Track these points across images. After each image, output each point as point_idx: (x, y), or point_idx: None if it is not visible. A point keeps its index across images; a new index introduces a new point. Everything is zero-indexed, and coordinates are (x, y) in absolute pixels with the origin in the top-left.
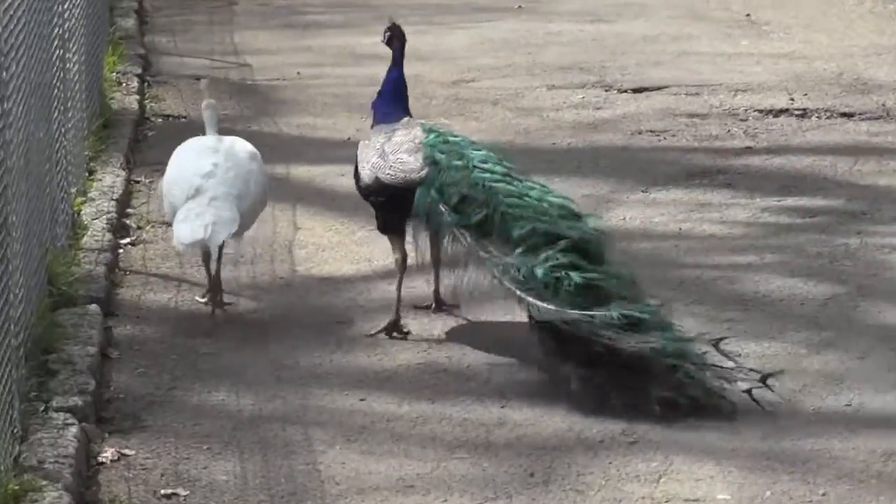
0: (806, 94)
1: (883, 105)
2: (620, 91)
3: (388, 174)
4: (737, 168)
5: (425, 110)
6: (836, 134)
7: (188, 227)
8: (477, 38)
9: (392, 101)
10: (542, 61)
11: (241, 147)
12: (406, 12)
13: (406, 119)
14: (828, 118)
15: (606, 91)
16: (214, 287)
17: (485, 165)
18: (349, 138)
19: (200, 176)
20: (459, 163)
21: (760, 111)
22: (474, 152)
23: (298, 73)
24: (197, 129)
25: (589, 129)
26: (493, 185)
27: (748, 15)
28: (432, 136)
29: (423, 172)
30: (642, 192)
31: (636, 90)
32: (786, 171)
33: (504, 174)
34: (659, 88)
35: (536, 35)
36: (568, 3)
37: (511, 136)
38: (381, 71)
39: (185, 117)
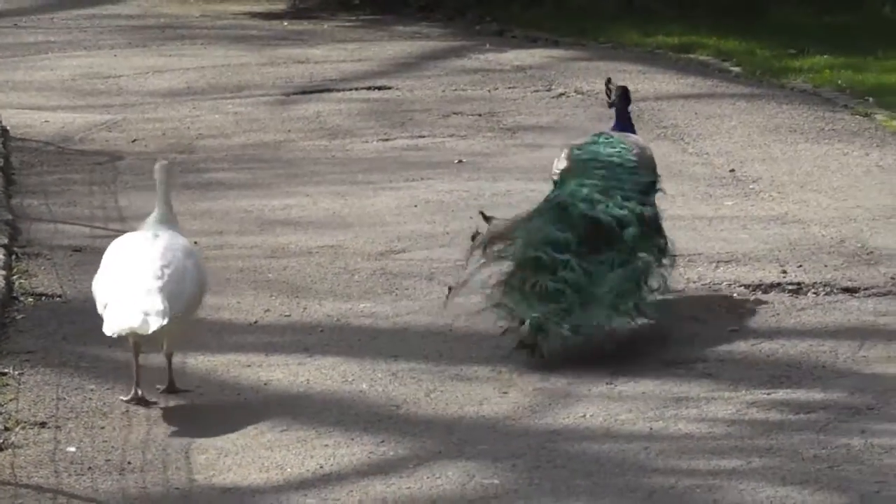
0: (801, 266)
1: (892, 279)
2: None
3: None
4: (719, 355)
5: (346, 288)
6: (837, 313)
7: (120, 314)
8: (408, 200)
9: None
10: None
11: (177, 244)
12: (322, 169)
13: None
14: (827, 294)
15: None
16: (171, 384)
17: None
18: (257, 321)
19: (135, 270)
20: None
21: (747, 286)
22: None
23: (196, 242)
24: (76, 313)
25: None
26: None
27: (732, 170)
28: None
29: None
30: (606, 384)
31: None
32: (777, 359)
33: None
34: None
35: (481, 195)
36: (519, 157)
37: (450, 318)
38: (293, 240)
39: (60, 296)
